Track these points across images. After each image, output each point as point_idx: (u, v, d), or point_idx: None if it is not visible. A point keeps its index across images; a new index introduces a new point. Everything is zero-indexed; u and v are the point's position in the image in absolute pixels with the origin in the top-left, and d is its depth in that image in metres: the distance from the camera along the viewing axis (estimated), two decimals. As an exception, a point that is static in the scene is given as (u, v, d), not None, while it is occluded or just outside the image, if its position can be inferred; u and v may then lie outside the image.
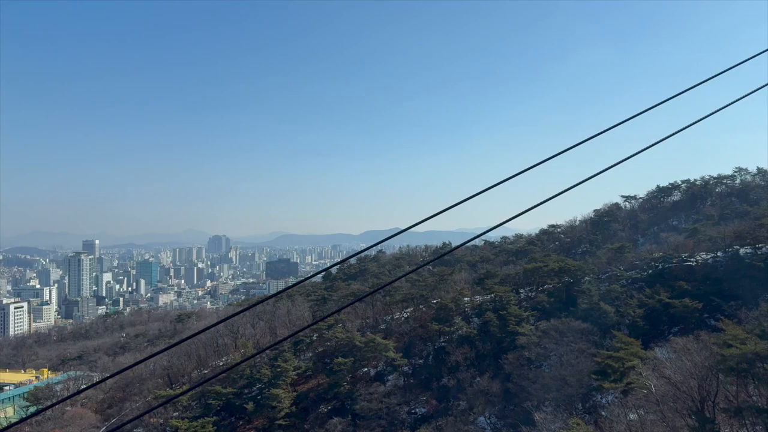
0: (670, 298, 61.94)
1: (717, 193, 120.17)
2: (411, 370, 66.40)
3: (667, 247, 74.03)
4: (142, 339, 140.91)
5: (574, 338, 57.75)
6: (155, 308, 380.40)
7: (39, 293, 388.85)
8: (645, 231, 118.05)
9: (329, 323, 70.88)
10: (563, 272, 72.50)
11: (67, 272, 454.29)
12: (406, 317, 75.20)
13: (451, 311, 69.64)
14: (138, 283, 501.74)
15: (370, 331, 74.53)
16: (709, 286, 63.86)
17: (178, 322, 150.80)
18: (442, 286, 78.85)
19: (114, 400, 71.47)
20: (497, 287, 71.86)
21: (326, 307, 78.24)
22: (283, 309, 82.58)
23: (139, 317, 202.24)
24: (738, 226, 70.53)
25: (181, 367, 72.15)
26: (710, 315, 62.30)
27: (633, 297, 63.56)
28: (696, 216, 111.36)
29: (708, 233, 69.92)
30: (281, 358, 64.94)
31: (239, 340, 75.51)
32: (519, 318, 64.95)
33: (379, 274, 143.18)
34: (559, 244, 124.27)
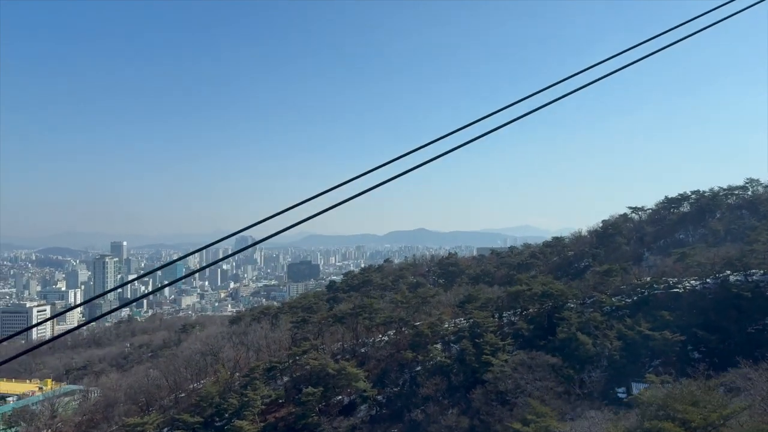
0: (652, 328, 59.05)
1: (727, 204, 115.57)
2: (385, 400, 64.70)
3: (656, 272, 70.83)
4: (146, 349, 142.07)
5: (543, 373, 55.46)
6: (175, 312, 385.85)
7: (64, 295, 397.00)
8: (651, 245, 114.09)
9: (304, 348, 69.60)
10: (546, 297, 69.94)
11: (93, 274, 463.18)
12: (385, 341, 73.49)
13: (428, 337, 67.71)
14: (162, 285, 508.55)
15: (349, 355, 73.07)
16: (695, 317, 60.75)
17: (183, 332, 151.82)
18: (424, 308, 76.89)
19: (92, 423, 71.33)
20: (476, 312, 69.67)
21: (306, 329, 76.93)
22: (262, 331, 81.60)
23: (152, 324, 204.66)
24: (728, 251, 67.02)
25: (154, 392, 71.53)
26: (694, 347, 59.40)
27: (613, 327, 60.73)
28: (703, 230, 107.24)
29: (696, 258, 66.55)
30: (251, 387, 63.87)
31: (218, 362, 74.74)
32: (495, 347, 62.65)
33: (383, 285, 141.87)
34: (560, 259, 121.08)
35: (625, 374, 57.50)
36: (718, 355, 57.17)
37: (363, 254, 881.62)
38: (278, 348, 75.63)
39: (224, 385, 67.67)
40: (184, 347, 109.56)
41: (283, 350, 75.17)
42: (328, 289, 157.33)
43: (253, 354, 77.47)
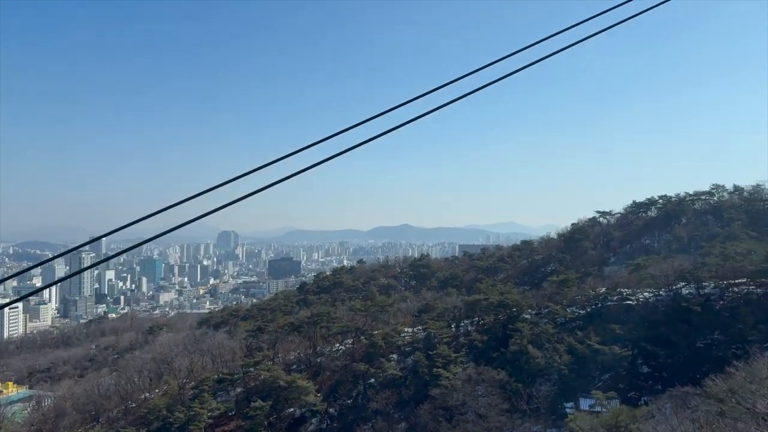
0: (602, 342, 58.81)
1: (693, 210, 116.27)
2: (337, 413, 63.90)
3: (612, 282, 70.70)
4: (111, 351, 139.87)
5: (490, 389, 54.97)
6: (152, 308, 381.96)
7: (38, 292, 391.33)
8: (617, 250, 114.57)
9: (257, 359, 68.53)
10: (502, 307, 69.49)
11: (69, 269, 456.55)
12: (342, 351, 72.66)
13: (382, 348, 66.98)
14: (140, 281, 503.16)
15: (304, 365, 72.16)
16: (645, 330, 60.65)
17: (150, 333, 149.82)
18: (382, 317, 76.15)
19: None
20: (431, 323, 69.05)
21: (263, 338, 75.77)
22: (220, 338, 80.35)
23: (123, 323, 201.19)
24: (682, 263, 67.02)
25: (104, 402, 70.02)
26: (644, 361, 59.32)
27: (563, 341, 60.39)
28: (667, 236, 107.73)
29: (650, 271, 66.41)
30: (199, 399, 62.71)
31: (171, 372, 73.37)
32: (447, 360, 62.07)
33: (353, 287, 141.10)
34: (529, 263, 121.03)
35: (573, 389, 57.18)
36: (667, 370, 57.20)
37: (346, 250, 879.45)
38: (233, 357, 74.40)
39: (173, 397, 66.36)
40: (146, 351, 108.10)
41: (238, 359, 73.98)
42: (299, 290, 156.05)
43: (209, 362, 76.23)
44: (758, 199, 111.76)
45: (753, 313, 58.16)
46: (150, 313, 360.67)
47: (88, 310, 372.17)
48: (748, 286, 61.13)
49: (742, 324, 57.01)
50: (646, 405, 55.12)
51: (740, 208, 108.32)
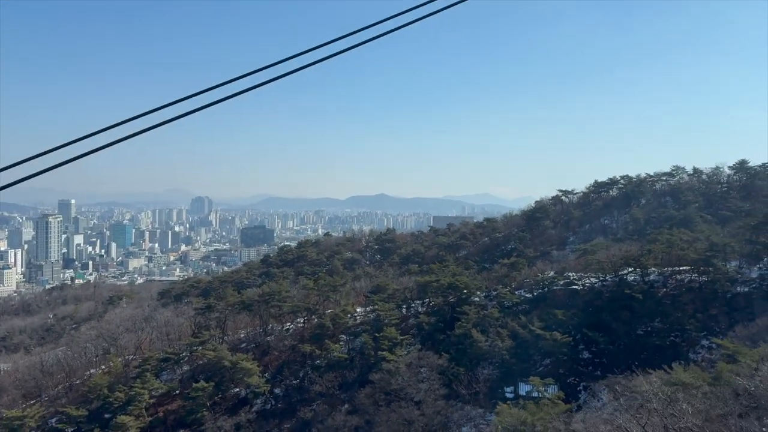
0: (545, 327, 59.17)
1: (653, 191, 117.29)
2: (282, 394, 63.71)
3: (559, 266, 71.03)
4: (69, 321, 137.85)
5: (430, 373, 55.12)
6: (120, 274, 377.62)
7: (3, 255, 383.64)
8: (576, 229, 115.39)
9: (203, 338, 67.77)
10: (452, 289, 69.45)
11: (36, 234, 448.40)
12: (292, 331, 72.25)
13: (329, 330, 66.65)
14: (109, 247, 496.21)
15: (253, 344, 71.64)
16: (589, 316, 61.17)
17: (109, 303, 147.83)
18: (334, 297, 75.72)
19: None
20: (381, 304, 68.79)
21: (212, 316, 74.93)
22: (165, 315, 79.28)
23: (85, 291, 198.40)
24: (630, 248, 67.44)
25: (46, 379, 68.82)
26: (585, 347, 59.95)
27: (507, 326, 60.64)
28: (624, 217, 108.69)
29: (596, 257, 66.74)
30: (141, 379, 61.90)
31: (117, 349, 72.36)
32: (393, 342, 61.94)
33: (317, 261, 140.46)
34: (490, 240, 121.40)
35: (515, 373, 57.65)
36: (607, 356, 57.84)
37: (321, 219, 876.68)
38: (179, 336, 73.52)
39: (117, 375, 65.50)
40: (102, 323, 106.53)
41: (186, 337, 73.16)
42: (262, 262, 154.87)
43: (157, 339, 75.28)
44: (716, 182, 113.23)
45: (693, 302, 58.99)
46: (118, 279, 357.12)
47: (54, 275, 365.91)
48: (690, 275, 61.79)
49: (681, 312, 57.77)
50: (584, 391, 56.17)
51: (698, 191, 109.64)
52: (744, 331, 50.01)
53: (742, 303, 56.83)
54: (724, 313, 56.37)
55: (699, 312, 57.37)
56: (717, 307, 57.16)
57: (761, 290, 57.93)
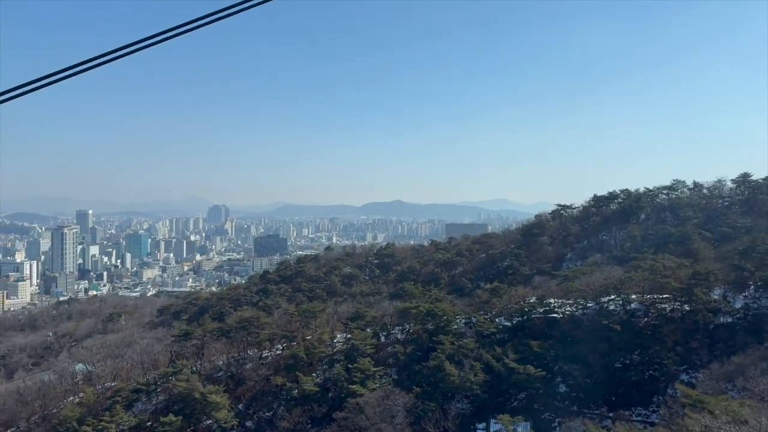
0: (520, 360, 57.18)
1: (652, 206, 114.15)
2: (254, 427, 62.44)
3: (541, 291, 68.82)
4: (68, 339, 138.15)
5: (401, 408, 53.36)
6: (134, 285, 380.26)
7: (19, 267, 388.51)
8: (574, 245, 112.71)
9: (175, 369, 66.69)
10: (431, 316, 67.66)
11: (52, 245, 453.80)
12: (269, 360, 70.90)
13: (302, 360, 65.21)
14: (124, 257, 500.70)
15: (227, 374, 70.41)
16: (566, 347, 58.99)
17: (109, 321, 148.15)
18: (313, 323, 74.29)
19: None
20: (357, 332, 67.24)
21: (189, 344, 73.92)
22: (142, 344, 78.45)
23: (91, 305, 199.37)
24: (608, 276, 65.01)
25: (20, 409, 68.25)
26: (562, 380, 57.75)
27: (482, 358, 58.68)
28: (621, 233, 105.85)
29: (575, 285, 64.36)
30: (110, 411, 61.00)
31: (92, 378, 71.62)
32: (366, 374, 60.36)
33: (315, 277, 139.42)
34: (486, 257, 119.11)
35: (488, 409, 55.81)
36: (584, 391, 55.65)
37: (336, 226, 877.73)
38: (154, 365, 72.55)
39: (89, 406, 64.71)
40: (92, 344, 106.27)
41: (163, 365, 72.23)
42: (261, 279, 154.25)
43: (137, 366, 74.45)
44: (717, 196, 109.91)
45: (674, 333, 56.56)
46: (131, 290, 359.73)
47: (69, 286, 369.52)
48: (672, 304, 59.30)
49: (661, 345, 55.38)
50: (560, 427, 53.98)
51: (698, 206, 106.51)
52: (720, 369, 47.60)
53: (724, 335, 54.29)
54: (705, 345, 53.96)
55: (679, 344, 54.94)
56: (698, 340, 54.70)
57: (745, 321, 55.36)
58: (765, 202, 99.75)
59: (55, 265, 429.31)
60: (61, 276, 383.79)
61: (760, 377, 45.45)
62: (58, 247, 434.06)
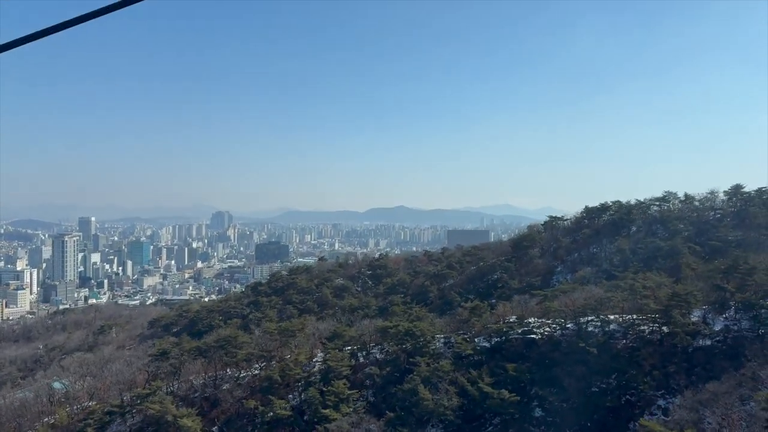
0: (495, 383, 55.98)
1: (643, 218, 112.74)
2: (227, 449, 61.37)
3: (522, 310, 67.58)
4: (58, 352, 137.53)
5: (367, 438, 52.20)
6: (133, 293, 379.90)
7: (20, 275, 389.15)
8: (564, 258, 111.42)
9: (148, 391, 65.70)
10: (409, 336, 66.53)
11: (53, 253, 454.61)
12: (247, 380, 69.86)
13: (277, 382, 64.16)
14: (125, 265, 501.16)
15: (202, 395, 69.37)
16: (543, 370, 57.78)
17: (99, 333, 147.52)
18: (292, 342, 73.23)
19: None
20: (333, 352, 66.14)
21: (167, 363, 72.94)
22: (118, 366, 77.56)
23: (86, 316, 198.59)
24: (588, 296, 63.73)
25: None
26: (539, 404, 56.49)
27: (457, 381, 57.51)
28: (611, 247, 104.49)
29: (554, 305, 63.11)
30: (80, 436, 60.12)
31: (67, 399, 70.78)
32: (340, 398, 59.28)
33: (307, 289, 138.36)
34: (476, 270, 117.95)
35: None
36: (560, 415, 54.41)
37: (339, 232, 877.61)
38: (129, 386, 71.58)
39: (62, 429, 63.80)
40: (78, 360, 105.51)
41: (139, 385, 71.28)
42: (252, 290, 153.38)
43: (114, 385, 73.51)
44: (709, 208, 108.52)
45: (652, 356, 55.23)
46: (130, 298, 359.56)
47: (69, 295, 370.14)
48: (651, 326, 57.99)
49: (638, 369, 54.07)
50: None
51: (688, 219, 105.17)
52: (694, 396, 46.33)
53: (702, 359, 52.95)
54: (682, 370, 52.61)
55: (657, 368, 53.61)
56: (675, 363, 53.34)
57: (725, 344, 54.03)
58: (757, 215, 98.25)
59: (56, 273, 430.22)
60: (61, 284, 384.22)
61: (737, 404, 44.30)
62: (58, 255, 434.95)
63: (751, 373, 45.85)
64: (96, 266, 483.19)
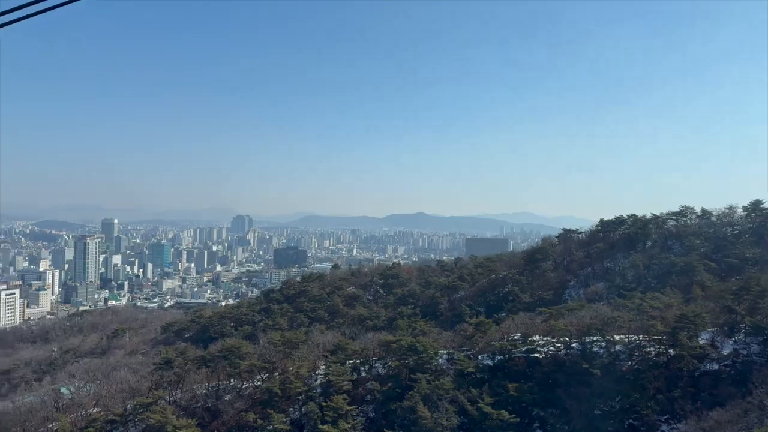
0: (495, 403, 54.97)
1: (659, 233, 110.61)
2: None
3: (527, 327, 66.35)
4: (72, 355, 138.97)
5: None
6: (152, 296, 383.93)
7: (42, 276, 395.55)
8: (577, 272, 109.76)
9: (149, 400, 65.77)
10: (412, 351, 65.75)
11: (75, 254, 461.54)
12: (249, 391, 69.63)
13: (277, 396, 63.82)
14: (146, 267, 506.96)
15: (204, 406, 69.30)
16: (545, 390, 56.61)
17: (113, 337, 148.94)
18: (295, 354, 72.87)
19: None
20: (334, 367, 65.63)
21: (172, 372, 73.10)
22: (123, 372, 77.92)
23: (103, 318, 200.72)
24: (595, 315, 62.37)
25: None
26: (540, 425, 55.34)
27: (457, 400, 56.61)
28: (625, 262, 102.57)
29: (558, 324, 61.79)
30: (80, 445, 60.36)
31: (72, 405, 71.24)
32: (338, 413, 58.70)
33: (318, 297, 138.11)
34: (488, 282, 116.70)
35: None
36: (561, 437, 53.21)
37: (358, 238, 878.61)
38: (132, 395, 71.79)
39: (67, 437, 64.11)
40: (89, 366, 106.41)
41: (143, 393, 71.46)
42: (264, 297, 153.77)
43: (118, 393, 73.82)
44: (726, 224, 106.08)
45: (657, 380, 53.79)
46: (149, 300, 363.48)
47: (89, 296, 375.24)
48: (657, 348, 56.49)
49: (642, 392, 52.67)
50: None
51: (705, 235, 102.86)
52: (698, 423, 44.90)
53: (708, 384, 51.40)
54: (688, 395, 51.11)
55: (662, 392, 52.18)
56: (681, 388, 51.85)
57: (733, 368, 52.39)
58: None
59: (78, 274, 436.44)
60: (81, 286, 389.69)
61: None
62: (80, 257, 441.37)
63: (758, 401, 44.27)
64: (117, 268, 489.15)
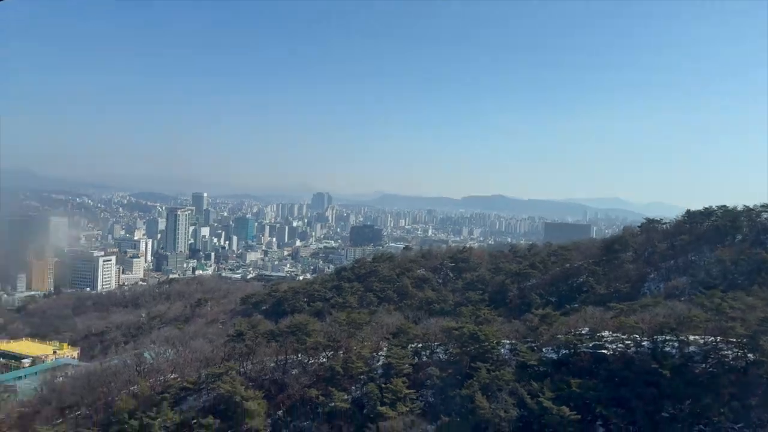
0: (556, 399, 53.70)
1: (755, 224, 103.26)
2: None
3: (596, 321, 64.08)
4: (158, 321, 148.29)
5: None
6: (236, 267, 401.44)
7: (137, 244, 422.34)
8: (659, 264, 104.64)
9: (221, 370, 69.08)
10: (473, 339, 65.31)
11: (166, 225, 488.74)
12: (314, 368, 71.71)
13: (339, 374, 65.33)
14: (231, 239, 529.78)
15: (273, 379, 71.98)
16: (610, 389, 54.68)
17: (197, 306, 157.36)
18: (359, 334, 74.17)
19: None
20: (395, 350, 66.31)
21: (243, 344, 76.37)
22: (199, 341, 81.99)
23: (189, 287, 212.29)
24: (668, 314, 59.19)
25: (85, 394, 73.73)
26: (603, 424, 53.64)
27: (517, 392, 55.77)
28: (710, 256, 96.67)
29: (628, 321, 59.09)
30: (158, 408, 64.34)
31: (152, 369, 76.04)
32: (397, 396, 59.39)
33: (388, 278, 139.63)
34: (561, 271, 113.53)
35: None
36: (625, 438, 51.40)
37: (434, 218, 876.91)
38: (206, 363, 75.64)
39: (143, 400, 68.61)
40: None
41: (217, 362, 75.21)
42: (336, 275, 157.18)
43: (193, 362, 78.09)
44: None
45: (733, 385, 50.66)
46: (233, 272, 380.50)
47: (178, 265, 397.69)
48: (735, 351, 53.09)
49: (715, 397, 49.84)
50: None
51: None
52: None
53: (790, 395, 47.88)
54: (765, 404, 47.85)
55: (737, 399, 49.14)
56: (759, 396, 48.60)
57: (821, 380, 48.49)
58: None
59: (169, 244, 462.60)
60: (172, 255, 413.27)
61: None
62: (171, 228, 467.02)
63: None
64: (205, 239, 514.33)
